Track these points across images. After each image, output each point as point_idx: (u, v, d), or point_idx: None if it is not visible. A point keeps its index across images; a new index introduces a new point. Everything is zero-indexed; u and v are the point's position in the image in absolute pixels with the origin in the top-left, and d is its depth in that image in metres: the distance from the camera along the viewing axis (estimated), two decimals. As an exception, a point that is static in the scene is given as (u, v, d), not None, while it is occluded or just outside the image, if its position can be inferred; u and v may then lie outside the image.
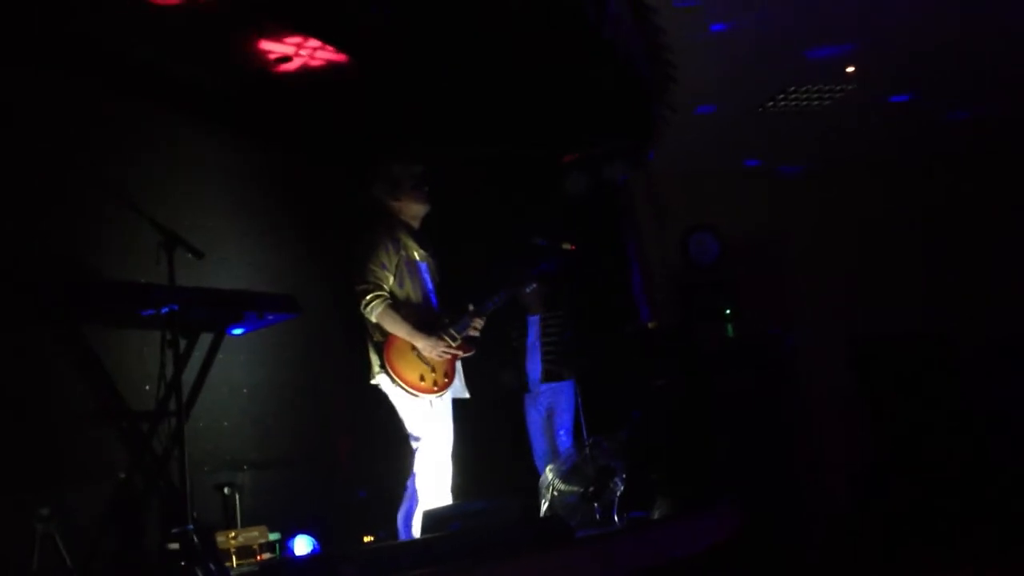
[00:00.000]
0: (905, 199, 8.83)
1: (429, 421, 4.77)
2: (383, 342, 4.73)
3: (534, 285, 5.38)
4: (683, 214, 8.56)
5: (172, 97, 5.29)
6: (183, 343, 4.05)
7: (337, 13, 5.05)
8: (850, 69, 6.78)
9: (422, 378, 4.75)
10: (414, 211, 5.00)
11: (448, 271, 5.20)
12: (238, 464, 5.13)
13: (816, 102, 7.29)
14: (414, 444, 4.79)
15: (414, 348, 4.75)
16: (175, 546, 3.63)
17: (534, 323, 6.60)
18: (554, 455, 6.26)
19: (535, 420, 6.54)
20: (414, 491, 4.75)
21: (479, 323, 4.99)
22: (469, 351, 5.00)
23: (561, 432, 6.35)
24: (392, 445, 4.89)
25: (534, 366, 6.52)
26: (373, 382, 4.81)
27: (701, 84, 6.66)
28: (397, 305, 4.76)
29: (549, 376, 6.44)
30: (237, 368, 5.27)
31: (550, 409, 6.45)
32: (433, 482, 4.71)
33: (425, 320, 4.83)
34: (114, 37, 4.81)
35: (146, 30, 4.84)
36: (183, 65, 5.20)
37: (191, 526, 3.70)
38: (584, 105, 6.49)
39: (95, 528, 4.13)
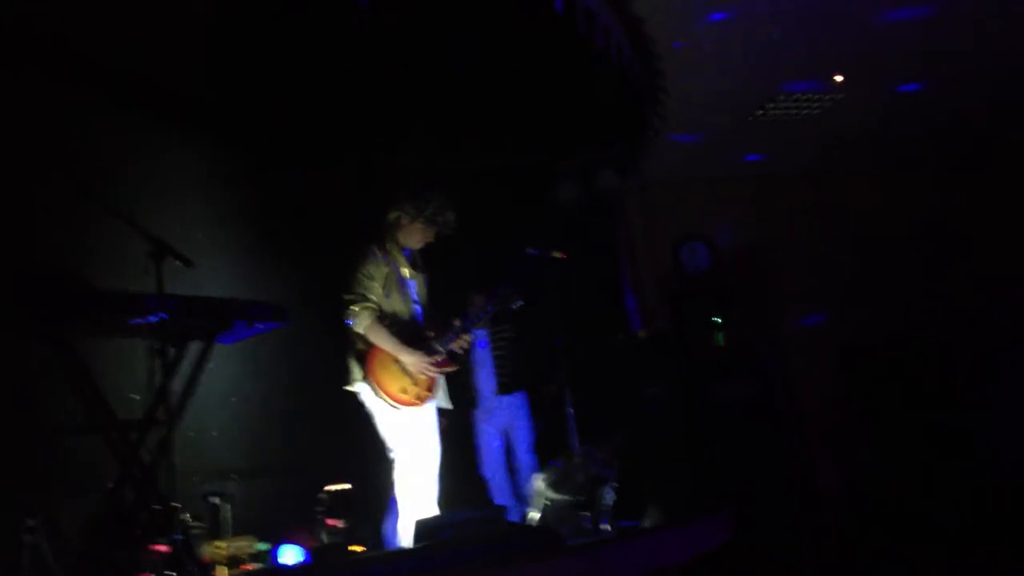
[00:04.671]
0: (897, 206, 8.87)
1: (408, 433, 4.76)
2: (366, 351, 4.72)
3: (520, 302, 5.36)
4: (675, 222, 8.58)
5: (162, 108, 5.29)
6: (172, 352, 4.03)
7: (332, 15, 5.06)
8: (839, 78, 6.81)
9: (404, 391, 4.74)
10: (414, 240, 4.99)
11: (438, 281, 5.19)
12: (227, 474, 5.11)
13: (805, 110, 7.32)
14: (390, 456, 4.78)
15: (397, 360, 4.75)
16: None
17: (480, 336, 6.49)
18: (515, 472, 6.22)
19: (488, 433, 6.35)
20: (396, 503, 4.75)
21: (465, 340, 4.98)
22: (453, 367, 5.00)
23: (522, 449, 6.26)
24: (380, 454, 4.87)
25: (486, 380, 6.43)
26: (349, 388, 4.80)
27: (691, 93, 6.68)
28: (383, 317, 4.75)
29: (506, 388, 6.36)
30: (226, 377, 5.26)
31: (508, 424, 6.35)
32: (413, 495, 4.69)
33: (409, 334, 4.83)
34: (103, 48, 4.81)
35: (135, 40, 4.84)
36: (173, 76, 5.20)
37: (179, 536, 3.69)
38: (575, 114, 6.51)
39: (83, 538, 4.10)
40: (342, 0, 4.91)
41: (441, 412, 5.05)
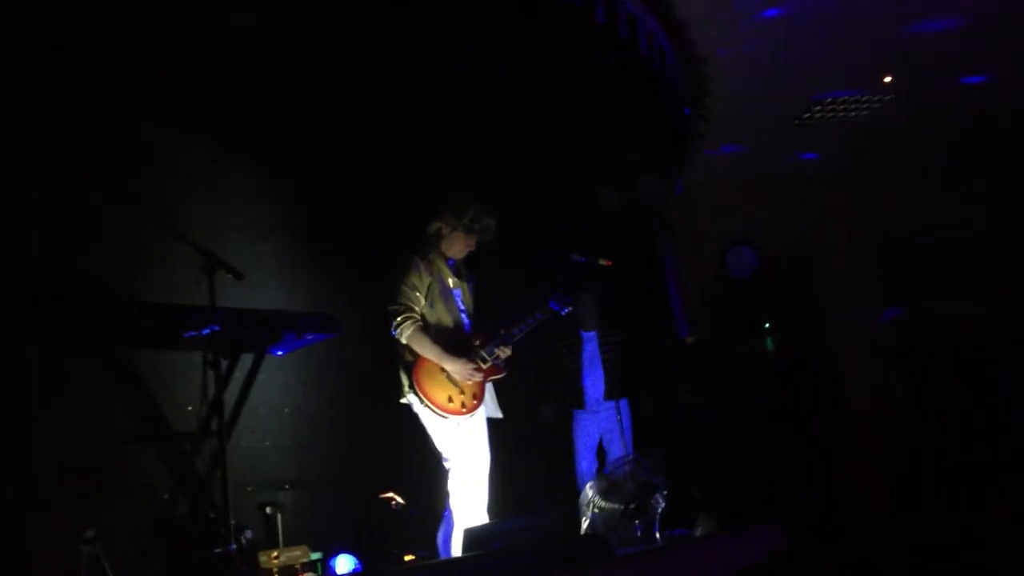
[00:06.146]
0: (945, 208, 8.73)
1: (459, 442, 4.78)
2: (413, 362, 4.75)
3: (568, 309, 5.37)
4: (720, 226, 8.51)
5: (211, 121, 5.36)
6: (224, 364, 4.09)
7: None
8: (887, 79, 6.72)
9: (450, 399, 4.76)
10: (456, 249, 5.01)
11: (485, 288, 5.20)
12: (280, 484, 5.15)
13: (853, 113, 7.24)
14: (446, 464, 4.80)
15: (443, 370, 4.77)
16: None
17: (590, 339, 6.58)
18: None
19: (590, 437, 6.49)
20: (451, 512, 4.77)
21: (506, 351, 4.98)
22: (499, 374, 5.01)
23: (614, 456, 6.28)
24: (431, 464, 4.89)
25: (594, 383, 6.50)
26: (403, 401, 4.83)
27: (735, 98, 6.64)
28: (427, 327, 4.78)
29: (612, 395, 6.41)
30: (277, 388, 5.30)
31: (610, 429, 6.40)
32: (467, 503, 4.71)
33: (455, 343, 4.84)
34: (152, 64, 4.89)
35: (183, 55, 4.92)
36: (221, 90, 5.26)
37: (233, 546, 3.73)
38: (620, 120, 6.50)
39: (140, 549, 4.17)
40: (396, 10, 4.95)
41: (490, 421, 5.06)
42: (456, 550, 4.59)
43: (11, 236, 4.28)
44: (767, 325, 7.98)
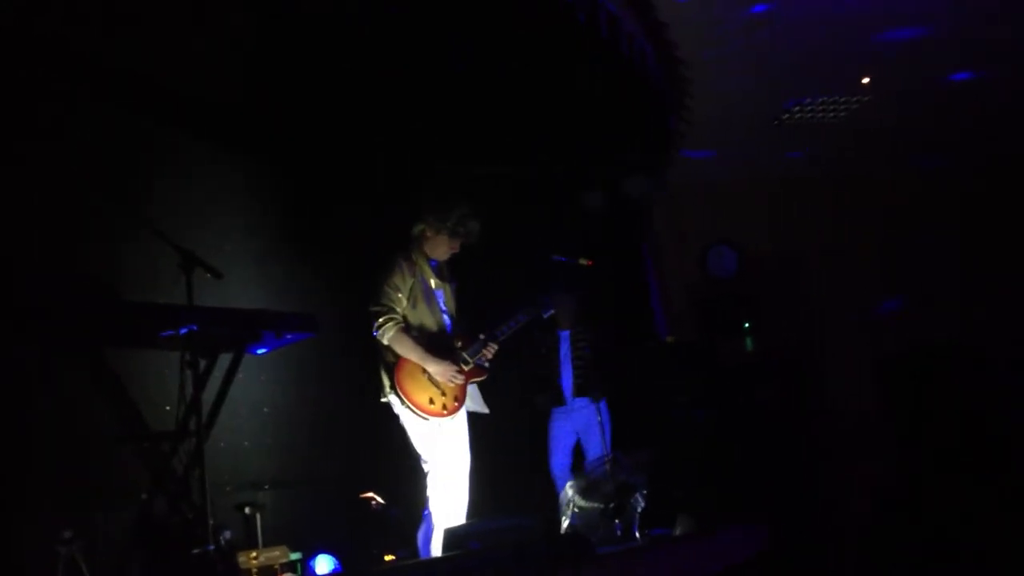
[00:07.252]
0: (930, 208, 8.74)
1: (439, 443, 4.79)
2: (394, 363, 4.75)
3: (551, 311, 5.38)
4: (702, 227, 8.52)
5: (191, 119, 5.34)
6: (202, 363, 4.08)
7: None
8: (866, 80, 6.75)
9: (431, 401, 4.76)
10: (439, 251, 5.01)
11: (467, 289, 5.20)
12: (259, 483, 5.14)
13: (832, 113, 7.26)
14: (424, 466, 4.81)
15: (425, 371, 4.77)
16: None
17: (565, 338, 6.63)
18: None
19: (564, 435, 6.53)
20: (430, 512, 4.77)
21: (491, 351, 4.99)
22: (481, 376, 5.01)
23: (592, 453, 6.30)
24: (411, 464, 4.89)
25: (567, 381, 6.53)
26: (383, 400, 4.83)
27: (716, 98, 6.65)
28: (409, 328, 4.78)
29: (581, 391, 6.45)
30: (257, 388, 5.28)
31: (586, 426, 6.42)
32: (446, 504, 4.72)
33: (437, 344, 4.85)
34: (133, 59, 4.87)
35: (164, 50, 4.91)
36: (202, 86, 5.25)
37: (212, 546, 3.72)
38: (602, 121, 6.50)
39: (118, 550, 4.15)
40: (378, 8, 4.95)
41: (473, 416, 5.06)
42: (436, 550, 4.60)
43: (11, 236, 4.26)
44: (747, 325, 7.99)
